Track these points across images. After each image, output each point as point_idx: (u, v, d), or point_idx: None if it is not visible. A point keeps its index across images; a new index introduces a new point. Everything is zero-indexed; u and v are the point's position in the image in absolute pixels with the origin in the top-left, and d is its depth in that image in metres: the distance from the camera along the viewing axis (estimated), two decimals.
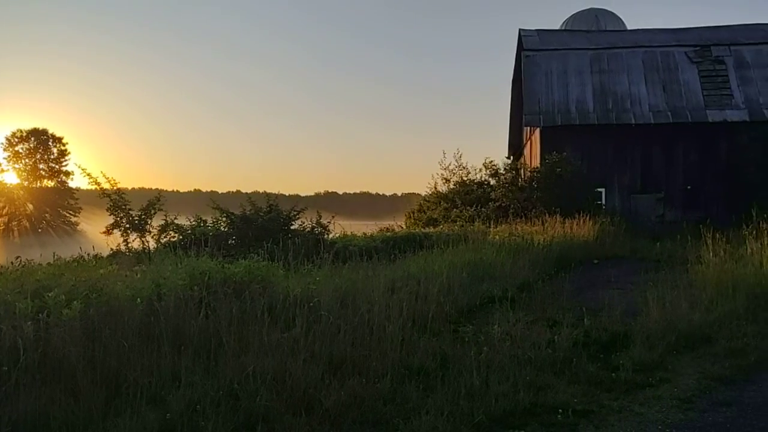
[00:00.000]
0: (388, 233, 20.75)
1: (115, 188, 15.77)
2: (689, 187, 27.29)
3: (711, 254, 11.84)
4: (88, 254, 12.78)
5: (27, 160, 75.18)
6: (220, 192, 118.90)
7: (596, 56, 29.46)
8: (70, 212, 76.50)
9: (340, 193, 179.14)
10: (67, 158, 75.81)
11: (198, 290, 7.70)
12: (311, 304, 7.85)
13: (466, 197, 28.84)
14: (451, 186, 31.27)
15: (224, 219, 17.06)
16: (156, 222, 15.92)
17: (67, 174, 74.87)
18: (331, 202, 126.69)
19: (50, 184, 76.49)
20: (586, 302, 10.45)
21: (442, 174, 31.89)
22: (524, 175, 27.98)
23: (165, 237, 15.84)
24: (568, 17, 36.89)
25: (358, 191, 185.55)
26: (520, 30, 31.35)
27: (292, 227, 17.35)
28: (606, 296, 10.47)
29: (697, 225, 16.38)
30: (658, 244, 17.43)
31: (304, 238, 15.23)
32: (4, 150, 74.38)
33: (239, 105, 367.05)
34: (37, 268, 10.07)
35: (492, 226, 20.87)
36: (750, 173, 25.04)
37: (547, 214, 21.58)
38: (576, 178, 25.41)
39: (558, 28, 35.86)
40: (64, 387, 5.70)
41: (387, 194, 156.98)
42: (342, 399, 5.74)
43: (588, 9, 36.85)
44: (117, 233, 15.48)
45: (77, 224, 74.95)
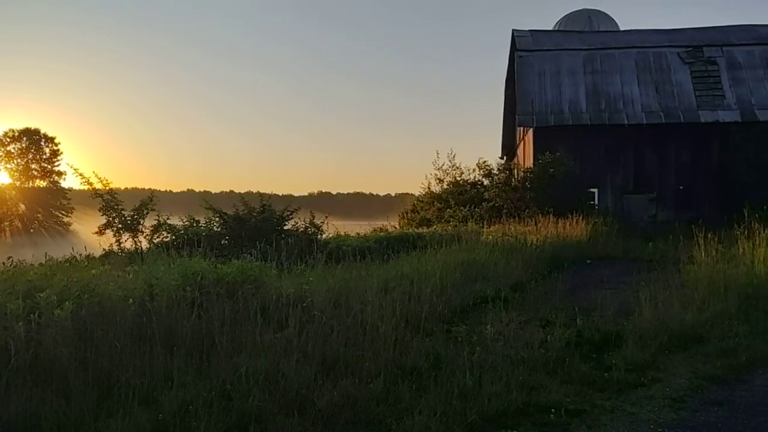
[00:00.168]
0: (382, 233, 20.72)
1: (107, 188, 15.77)
2: (681, 188, 27.43)
3: (703, 254, 11.91)
4: (80, 254, 12.73)
5: (19, 160, 74.75)
6: (213, 192, 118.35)
7: (589, 57, 29.56)
8: (63, 212, 76.06)
9: (334, 193, 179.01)
10: (59, 158, 75.47)
11: (190, 291, 7.69)
12: (304, 305, 7.85)
13: (460, 197, 28.85)
14: (445, 186, 31.24)
15: (217, 219, 17.04)
16: (148, 222, 15.91)
17: (60, 174, 74.56)
18: (324, 202, 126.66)
19: (42, 184, 76.06)
20: (579, 302, 10.48)
21: (435, 174, 31.88)
22: (517, 176, 28.02)
23: (157, 237, 15.82)
24: (561, 18, 37.01)
25: (352, 191, 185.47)
26: (513, 31, 31.42)
27: (286, 227, 17.34)
28: (599, 296, 10.51)
29: (689, 225, 16.43)
30: (651, 244, 17.48)
31: (298, 239, 15.22)
32: None
33: (233, 105, 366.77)
34: (28, 268, 10.02)
35: (485, 226, 20.86)
36: (742, 173, 25.15)
37: (540, 214, 21.63)
38: (569, 178, 25.47)
39: (551, 28, 35.96)
40: (55, 388, 5.68)
41: (380, 194, 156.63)
42: (335, 399, 5.74)
43: (581, 10, 36.97)
44: (109, 233, 15.47)
45: (69, 224, 74.51)
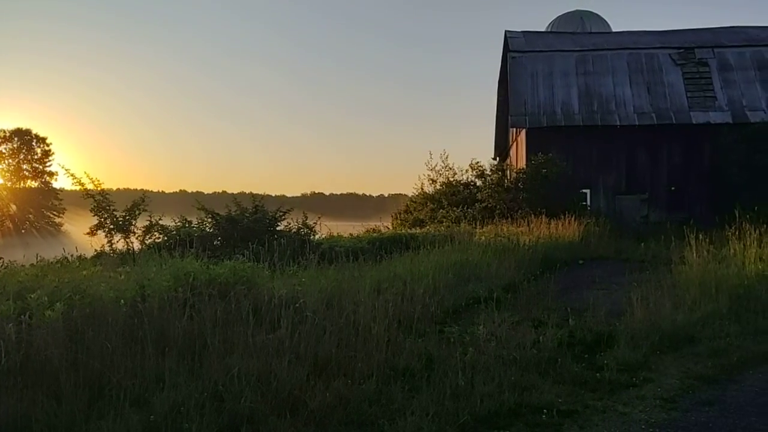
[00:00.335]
0: (375, 234, 20.73)
1: (99, 189, 15.70)
2: (673, 188, 27.55)
3: (694, 255, 11.95)
4: (72, 255, 12.69)
5: (10, 161, 74.36)
6: (205, 193, 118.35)
7: (581, 58, 29.65)
8: (54, 213, 75.66)
9: (327, 193, 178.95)
10: (51, 159, 75.12)
11: (182, 291, 7.67)
12: (297, 305, 7.82)
13: (453, 198, 28.89)
14: (438, 187, 31.28)
15: (209, 220, 17.00)
16: (140, 223, 15.87)
17: (51, 174, 74.14)
18: (317, 202, 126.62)
19: (34, 184, 75.67)
20: (571, 303, 10.52)
21: (428, 175, 31.92)
22: (510, 176, 28.06)
23: (149, 238, 15.77)
24: (553, 19, 37.18)
25: (345, 192, 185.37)
26: (506, 32, 31.47)
27: (278, 228, 17.31)
28: (591, 297, 10.54)
29: (681, 225, 16.50)
30: (643, 244, 17.53)
31: (290, 239, 15.20)
32: None
33: (225, 106, 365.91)
34: (19, 269, 10.00)
35: (478, 226, 20.90)
36: (733, 174, 25.22)
37: (532, 215, 21.69)
38: (561, 179, 25.53)
39: (544, 29, 36.07)
40: (46, 389, 5.65)
41: (374, 195, 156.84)
42: (327, 400, 5.73)
43: (573, 11, 37.14)
44: (101, 234, 15.41)
45: (61, 225, 74.15)
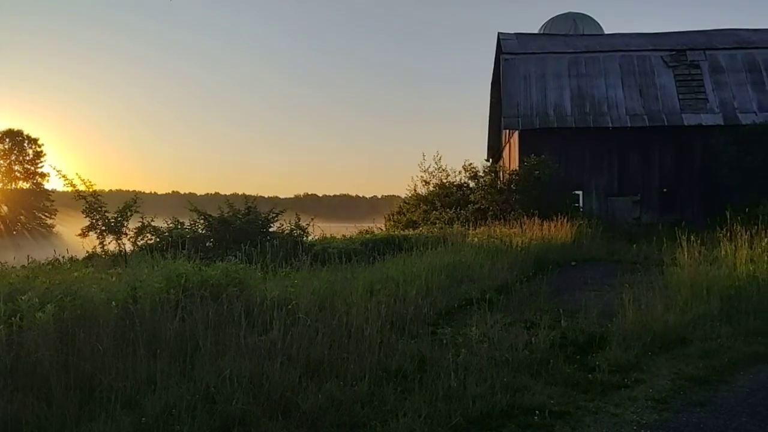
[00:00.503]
0: (368, 235, 20.71)
1: (91, 190, 15.65)
2: (665, 190, 27.67)
3: (686, 256, 11.99)
4: (63, 257, 12.65)
5: (2, 162, 74.01)
6: (198, 194, 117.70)
7: (574, 60, 29.75)
8: (46, 214, 75.29)
9: (320, 195, 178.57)
10: (42, 160, 74.80)
11: (174, 293, 7.65)
12: (289, 307, 7.81)
13: (446, 200, 28.94)
14: (431, 188, 31.33)
15: (202, 221, 16.98)
16: (133, 224, 15.82)
17: (43, 176, 73.79)
18: (310, 204, 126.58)
19: (25, 185, 75.35)
20: (564, 304, 10.55)
21: (421, 176, 31.98)
22: (503, 178, 28.12)
23: (142, 239, 15.73)
24: (546, 21, 37.27)
25: (338, 193, 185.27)
26: (498, 34, 31.54)
27: (271, 229, 17.30)
28: (583, 298, 10.57)
29: (673, 227, 16.58)
30: (635, 246, 17.60)
31: (283, 241, 15.21)
32: None
33: (219, 107, 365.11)
34: (10, 270, 9.96)
35: (471, 228, 20.93)
36: (724, 176, 25.32)
37: (525, 217, 21.71)
38: (554, 180, 25.60)
39: (537, 31, 36.17)
40: (37, 392, 5.63)
41: (367, 196, 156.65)
42: (319, 402, 5.72)
43: (566, 13, 37.27)
44: (93, 236, 15.36)
45: (53, 226, 73.80)
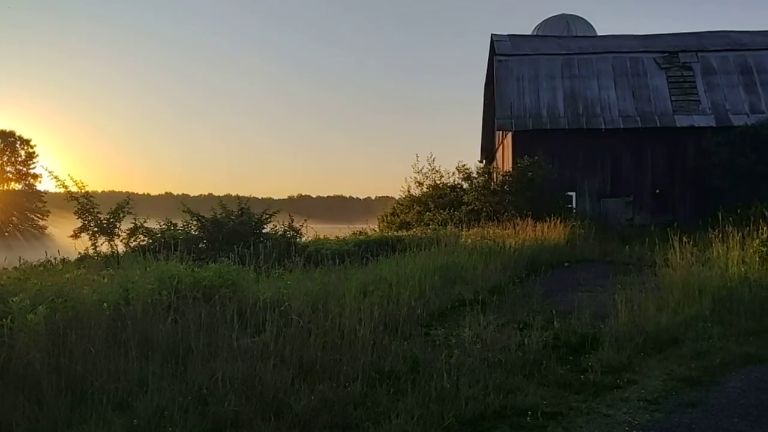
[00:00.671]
0: (361, 236, 20.72)
1: (83, 191, 15.60)
2: (658, 191, 27.78)
3: (678, 257, 12.03)
4: (55, 258, 12.60)
5: None
6: (191, 195, 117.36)
7: (567, 61, 29.84)
8: (38, 216, 74.97)
9: (314, 196, 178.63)
10: (35, 161, 74.49)
11: (167, 295, 7.63)
12: (282, 309, 7.80)
13: (439, 201, 28.97)
14: (425, 189, 31.35)
15: (195, 222, 16.93)
16: (125, 225, 15.78)
17: (35, 177, 73.48)
18: (304, 205, 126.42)
19: (17, 187, 75.02)
20: (556, 305, 10.57)
21: (415, 178, 31.98)
22: (497, 179, 28.19)
23: (134, 241, 15.68)
24: (539, 23, 37.37)
25: (332, 194, 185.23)
26: (492, 35, 31.61)
27: (264, 231, 17.28)
28: (576, 299, 10.58)
29: (665, 228, 16.65)
30: (627, 247, 17.66)
31: (276, 242, 15.18)
32: None
33: (212, 108, 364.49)
34: (1, 272, 9.91)
35: (464, 229, 20.96)
36: (717, 177, 25.43)
37: (518, 218, 21.77)
38: (547, 182, 25.67)
39: (530, 33, 36.25)
40: (28, 394, 5.59)
41: (360, 197, 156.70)
42: (312, 403, 5.71)
43: (559, 15, 37.38)
44: (85, 237, 15.32)
45: (45, 228, 73.54)
